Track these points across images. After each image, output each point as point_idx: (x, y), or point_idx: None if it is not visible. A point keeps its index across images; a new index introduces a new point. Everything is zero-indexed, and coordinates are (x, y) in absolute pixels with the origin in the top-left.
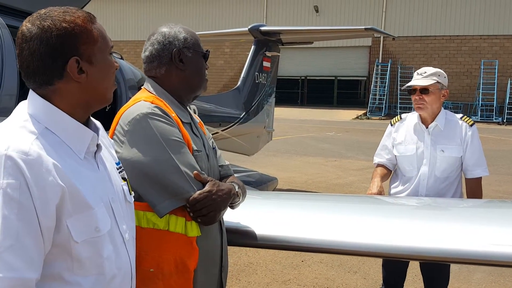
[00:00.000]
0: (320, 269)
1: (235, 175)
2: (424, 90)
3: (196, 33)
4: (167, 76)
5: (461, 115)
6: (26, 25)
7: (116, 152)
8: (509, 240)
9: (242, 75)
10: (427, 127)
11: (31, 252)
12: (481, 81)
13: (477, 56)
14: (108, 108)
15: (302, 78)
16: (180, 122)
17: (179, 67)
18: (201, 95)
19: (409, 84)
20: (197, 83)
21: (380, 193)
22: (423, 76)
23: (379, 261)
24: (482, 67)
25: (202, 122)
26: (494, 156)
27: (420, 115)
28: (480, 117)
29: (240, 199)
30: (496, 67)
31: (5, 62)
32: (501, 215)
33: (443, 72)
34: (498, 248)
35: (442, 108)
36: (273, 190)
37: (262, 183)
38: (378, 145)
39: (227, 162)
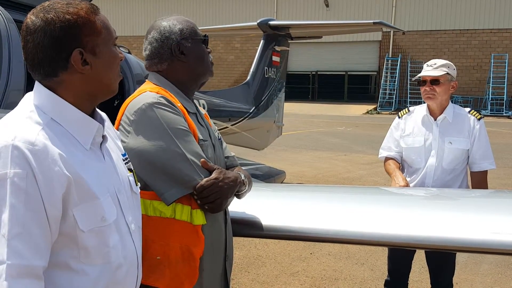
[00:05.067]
0: (328, 261)
1: (243, 168)
2: (434, 81)
3: (205, 28)
4: (171, 70)
5: (469, 109)
6: (30, 18)
7: (122, 142)
8: None
9: (251, 70)
10: (435, 119)
11: (38, 240)
12: (491, 75)
13: (487, 50)
14: (116, 102)
15: (313, 73)
16: (185, 112)
17: (181, 59)
18: (211, 90)
19: (419, 75)
20: (203, 70)
21: (407, 185)
22: (433, 68)
23: (386, 253)
24: (492, 61)
25: (208, 114)
26: (504, 150)
27: (428, 107)
28: (490, 111)
29: (246, 188)
30: (506, 60)
31: (12, 56)
32: (509, 204)
33: (452, 64)
34: (507, 237)
35: (450, 102)
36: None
37: (270, 176)
38: None
39: (232, 154)
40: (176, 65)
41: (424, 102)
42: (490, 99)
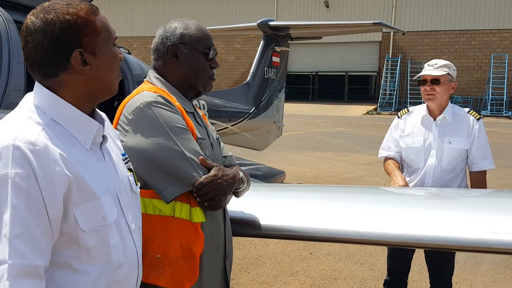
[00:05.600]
0: (328, 261)
1: (243, 168)
2: (435, 80)
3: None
4: (164, 69)
5: (468, 109)
6: (30, 18)
7: (121, 141)
8: None
9: (251, 70)
10: (435, 119)
11: (39, 240)
12: (491, 75)
13: (487, 50)
14: (116, 103)
15: (313, 73)
16: (183, 111)
17: (172, 62)
18: (211, 90)
19: (420, 74)
20: (194, 80)
21: (406, 184)
22: (434, 67)
23: (386, 252)
24: (492, 61)
25: (207, 114)
26: (503, 150)
27: (428, 107)
28: (490, 111)
29: (245, 186)
30: (506, 61)
31: (12, 57)
32: (508, 204)
33: (452, 64)
34: (506, 236)
35: (449, 102)
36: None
37: (270, 177)
38: None
39: (230, 153)
40: (168, 66)
41: (424, 102)
42: (490, 100)
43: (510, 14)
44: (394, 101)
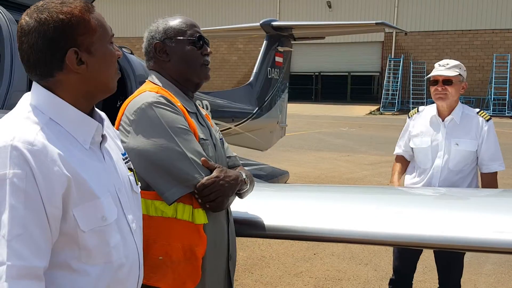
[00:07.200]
0: (331, 262)
1: (247, 168)
2: (447, 81)
3: (208, 28)
4: (158, 68)
5: (477, 109)
6: (25, 18)
7: (122, 142)
8: None
9: (254, 71)
10: (443, 120)
11: (38, 241)
12: (493, 75)
13: (489, 50)
14: (119, 103)
15: (316, 74)
16: (185, 111)
17: (162, 59)
18: (214, 90)
19: (432, 74)
20: (188, 71)
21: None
22: (446, 68)
23: (390, 253)
24: (494, 61)
25: (209, 114)
26: (506, 150)
27: (437, 107)
28: (493, 111)
29: (248, 187)
30: (509, 61)
31: (14, 57)
32: None
33: (462, 65)
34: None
35: (460, 102)
36: None
37: (274, 177)
38: (390, 139)
39: (234, 154)
40: (160, 65)
41: (433, 102)
42: (492, 100)
43: None
44: (396, 101)
